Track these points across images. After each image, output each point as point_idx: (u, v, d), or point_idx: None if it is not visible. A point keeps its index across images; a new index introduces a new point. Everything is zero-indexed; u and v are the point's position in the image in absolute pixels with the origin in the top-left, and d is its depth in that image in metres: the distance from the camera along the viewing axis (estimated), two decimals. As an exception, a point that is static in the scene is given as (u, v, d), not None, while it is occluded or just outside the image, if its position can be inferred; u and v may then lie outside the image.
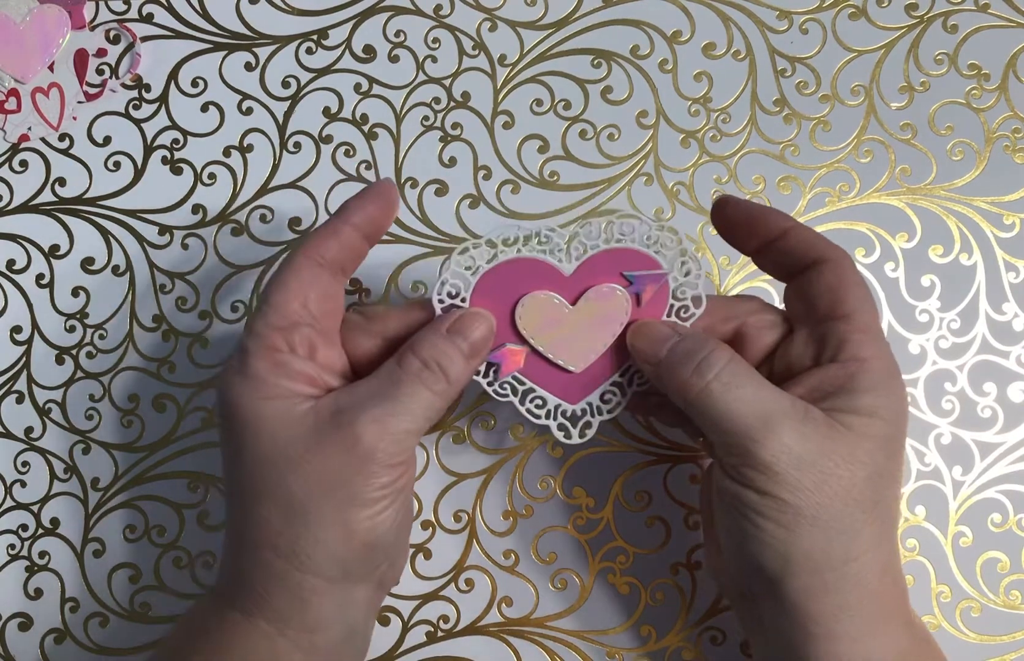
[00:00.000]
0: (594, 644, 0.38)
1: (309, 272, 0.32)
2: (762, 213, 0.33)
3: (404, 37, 0.41)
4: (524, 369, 0.33)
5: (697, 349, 0.30)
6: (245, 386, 0.30)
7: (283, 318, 0.31)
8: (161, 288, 0.40)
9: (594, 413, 0.33)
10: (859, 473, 0.29)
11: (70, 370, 0.40)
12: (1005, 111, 0.40)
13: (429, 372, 0.31)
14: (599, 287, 0.32)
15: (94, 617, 0.38)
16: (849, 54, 0.41)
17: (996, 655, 0.37)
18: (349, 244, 0.32)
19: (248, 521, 0.30)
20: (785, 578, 0.29)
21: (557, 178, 0.40)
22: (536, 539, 0.38)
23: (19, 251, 0.40)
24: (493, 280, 0.32)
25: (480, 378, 0.33)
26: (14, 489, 0.39)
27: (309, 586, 0.30)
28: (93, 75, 0.41)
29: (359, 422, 0.30)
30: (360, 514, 0.30)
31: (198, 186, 0.41)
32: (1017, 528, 0.38)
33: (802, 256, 0.32)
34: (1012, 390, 0.38)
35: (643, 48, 0.41)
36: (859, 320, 0.30)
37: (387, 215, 0.33)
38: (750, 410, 0.29)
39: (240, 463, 0.31)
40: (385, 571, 0.33)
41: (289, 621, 0.30)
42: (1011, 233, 0.39)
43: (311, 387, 0.31)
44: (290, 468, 0.30)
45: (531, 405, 0.33)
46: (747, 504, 0.29)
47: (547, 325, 0.32)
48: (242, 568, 0.31)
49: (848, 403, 0.29)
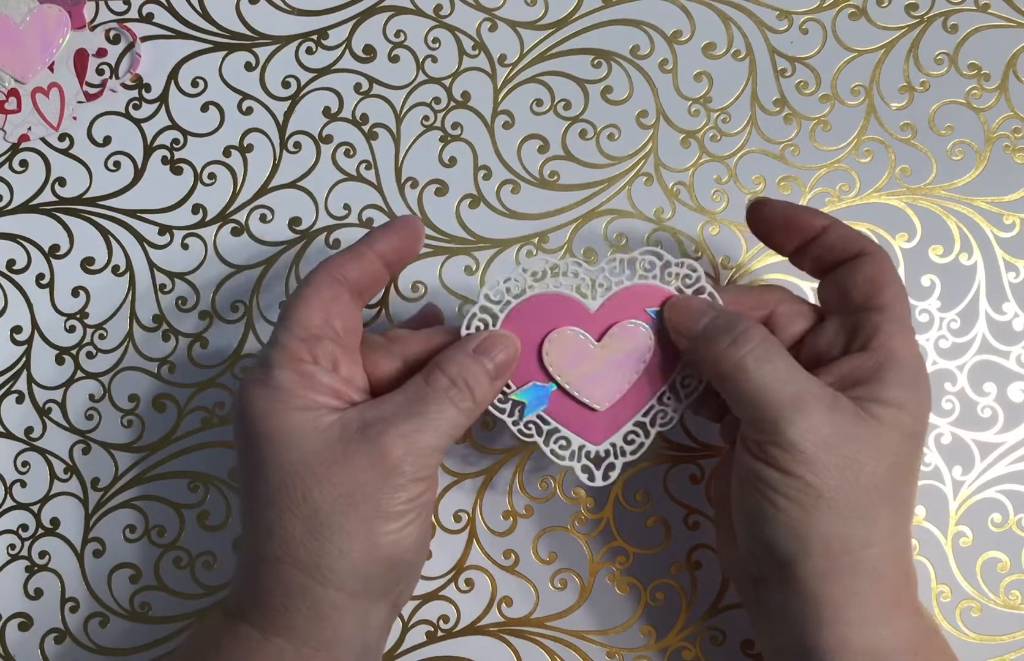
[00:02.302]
0: (594, 644, 0.38)
1: (330, 290, 0.32)
2: (800, 212, 0.33)
3: (404, 37, 0.41)
4: (549, 408, 0.33)
5: (733, 324, 0.31)
6: (270, 397, 0.30)
7: (306, 331, 0.31)
8: (161, 288, 0.40)
9: (617, 455, 0.33)
10: (882, 463, 0.29)
11: (70, 370, 0.40)
12: (1005, 111, 0.40)
13: (456, 390, 0.31)
14: (623, 323, 0.33)
15: (94, 617, 0.38)
16: (849, 54, 0.41)
17: (996, 655, 0.37)
18: (370, 270, 0.33)
19: (269, 534, 0.30)
20: (799, 560, 0.29)
21: (557, 178, 0.40)
22: (536, 539, 0.38)
23: (19, 251, 0.40)
24: (520, 315, 0.33)
25: (506, 417, 0.33)
26: (14, 489, 0.39)
27: (330, 601, 0.30)
28: (93, 75, 0.41)
29: (387, 435, 0.30)
30: (385, 528, 0.30)
31: (198, 186, 0.41)
32: (1017, 528, 0.38)
33: (841, 251, 0.32)
34: (1012, 390, 0.38)
35: (643, 48, 0.41)
36: (893, 312, 0.31)
37: (411, 248, 0.34)
38: (782, 387, 0.29)
39: (263, 476, 0.30)
40: (402, 591, 0.32)
41: (307, 638, 0.30)
42: (1011, 233, 0.39)
43: (336, 400, 0.31)
44: (316, 480, 0.29)
45: (555, 446, 0.33)
46: (768, 482, 0.29)
47: (573, 361, 0.33)
48: (260, 583, 0.30)
49: (876, 393, 0.30)
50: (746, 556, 0.32)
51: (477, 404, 0.31)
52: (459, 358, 0.31)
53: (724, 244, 0.40)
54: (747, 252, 0.40)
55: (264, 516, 0.30)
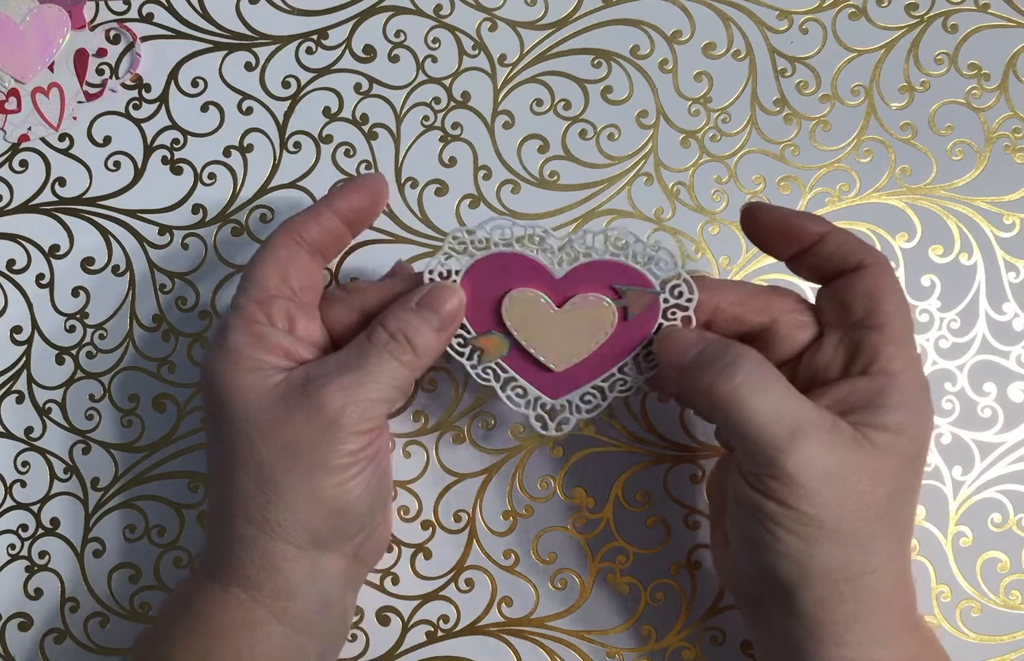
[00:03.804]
0: (594, 644, 0.38)
1: (287, 250, 0.33)
2: (797, 219, 0.32)
3: (404, 37, 0.41)
4: (508, 359, 0.33)
5: (724, 353, 0.30)
6: (224, 359, 0.32)
7: (262, 291, 0.32)
8: (161, 288, 0.40)
9: (572, 411, 0.33)
10: (881, 490, 0.29)
11: (70, 370, 0.40)
12: (1005, 111, 0.40)
13: (396, 343, 0.31)
14: (586, 294, 0.33)
15: (94, 617, 0.38)
16: (849, 54, 0.41)
17: (996, 655, 0.37)
18: (329, 228, 0.34)
19: (225, 492, 0.31)
20: (799, 588, 0.29)
21: (557, 178, 0.40)
22: (536, 539, 0.38)
23: (19, 251, 0.40)
24: (484, 269, 0.33)
25: (464, 360, 0.33)
26: (14, 489, 0.39)
27: (279, 552, 0.31)
28: (93, 75, 0.41)
29: (326, 390, 0.30)
30: (327, 481, 0.31)
31: (198, 186, 0.41)
32: (1017, 528, 0.38)
33: (840, 261, 0.31)
34: (1012, 390, 0.38)
35: (643, 48, 0.41)
36: (893, 331, 0.30)
37: (372, 207, 0.34)
38: (778, 417, 0.28)
39: (218, 436, 0.32)
40: (360, 543, 0.33)
41: (261, 588, 0.31)
42: (1011, 233, 0.39)
43: (286, 359, 0.32)
44: (260, 436, 0.31)
45: (511, 393, 0.34)
46: (767, 514, 0.29)
47: (531, 321, 0.33)
48: (219, 539, 0.32)
49: (876, 418, 0.29)
50: (744, 578, 0.32)
51: (419, 356, 0.32)
52: (400, 312, 0.32)
53: (724, 244, 0.40)
54: (747, 252, 0.40)
55: (220, 473, 0.32)
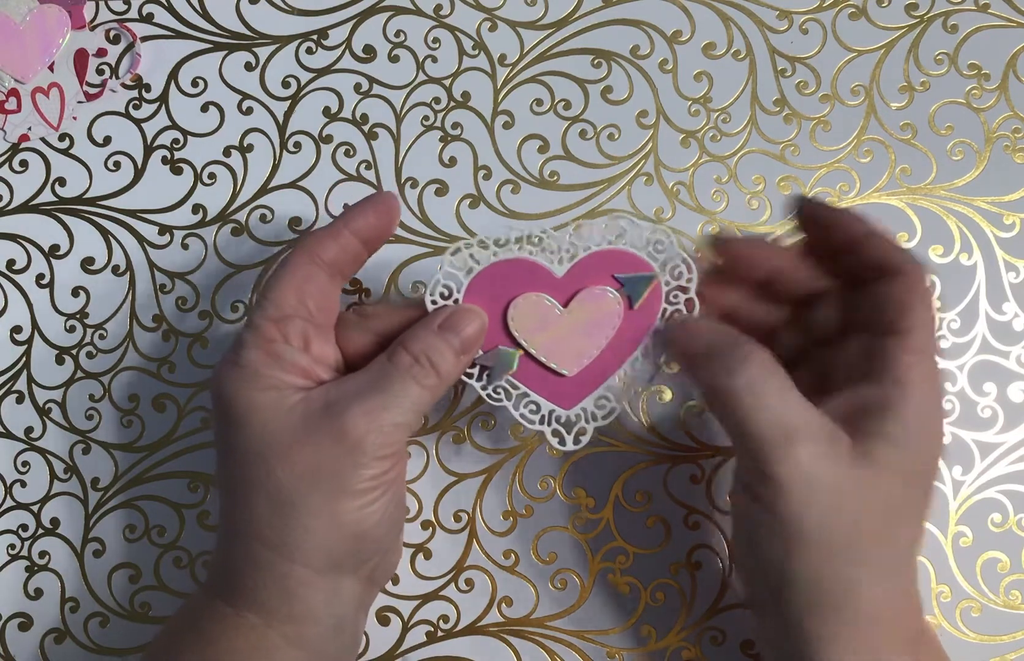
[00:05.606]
0: (594, 644, 0.38)
1: (305, 270, 0.32)
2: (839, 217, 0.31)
3: (404, 37, 0.41)
4: (518, 373, 0.33)
5: (732, 349, 0.30)
6: (239, 377, 0.31)
7: (278, 310, 0.32)
8: (161, 288, 0.40)
9: (588, 419, 0.33)
10: (874, 504, 0.28)
11: (70, 370, 0.40)
12: (1005, 111, 0.40)
13: (419, 367, 0.31)
14: (591, 289, 0.32)
15: (94, 617, 0.38)
16: (849, 54, 0.41)
17: (996, 655, 0.37)
18: (347, 248, 0.33)
19: (238, 513, 0.31)
20: (784, 594, 0.29)
21: (557, 178, 0.40)
22: (536, 539, 0.38)
23: (19, 251, 0.40)
24: (485, 281, 0.32)
25: (474, 382, 0.33)
26: (14, 489, 0.39)
27: (296, 577, 0.30)
28: (93, 75, 0.41)
29: (349, 414, 0.30)
30: (349, 505, 0.30)
31: (198, 186, 0.41)
32: (1017, 528, 0.38)
33: (876, 267, 0.30)
34: (1012, 390, 0.38)
35: (643, 48, 0.41)
36: (914, 341, 0.29)
37: (387, 225, 0.34)
38: (774, 420, 0.28)
39: (232, 454, 0.31)
40: (376, 565, 0.33)
41: (276, 613, 0.30)
42: (1011, 233, 0.39)
43: (303, 379, 0.32)
44: (278, 458, 0.30)
45: (525, 410, 0.33)
46: (752, 515, 0.29)
47: (539, 327, 0.32)
48: (231, 561, 0.31)
49: (878, 427, 0.28)
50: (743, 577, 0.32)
51: (442, 380, 0.31)
52: (423, 335, 0.31)
53: (724, 244, 0.40)
54: (747, 252, 0.40)
55: (233, 494, 0.31)
